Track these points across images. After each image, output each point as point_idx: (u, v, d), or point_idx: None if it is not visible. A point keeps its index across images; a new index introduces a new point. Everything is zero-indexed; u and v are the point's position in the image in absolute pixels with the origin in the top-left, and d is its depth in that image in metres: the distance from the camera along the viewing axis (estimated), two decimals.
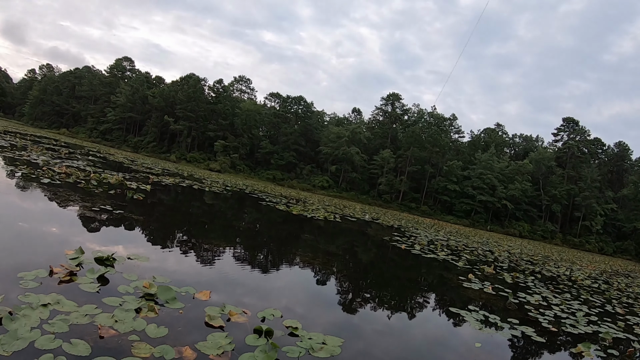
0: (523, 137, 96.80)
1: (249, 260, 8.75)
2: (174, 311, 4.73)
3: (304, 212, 21.65)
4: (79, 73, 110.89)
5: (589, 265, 27.70)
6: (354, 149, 78.39)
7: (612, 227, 74.55)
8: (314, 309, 6.49)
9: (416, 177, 79.28)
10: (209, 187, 25.38)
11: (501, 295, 9.66)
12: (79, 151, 34.96)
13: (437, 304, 8.53)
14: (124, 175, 19.91)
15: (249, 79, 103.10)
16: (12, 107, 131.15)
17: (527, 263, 20.10)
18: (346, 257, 12.18)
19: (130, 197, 13.43)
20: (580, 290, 13.29)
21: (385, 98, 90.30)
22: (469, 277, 11.13)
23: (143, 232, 9.36)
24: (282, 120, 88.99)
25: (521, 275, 14.24)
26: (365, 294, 8.20)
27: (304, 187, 74.48)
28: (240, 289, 6.40)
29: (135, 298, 4.83)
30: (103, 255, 6.08)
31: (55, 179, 13.67)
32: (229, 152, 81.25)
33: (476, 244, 26.13)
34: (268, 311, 5.34)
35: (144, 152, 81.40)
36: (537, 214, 75.90)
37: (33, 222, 7.78)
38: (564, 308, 9.50)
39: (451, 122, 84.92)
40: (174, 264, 6.99)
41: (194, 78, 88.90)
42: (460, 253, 17.67)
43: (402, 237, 19.24)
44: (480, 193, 72.56)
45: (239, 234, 12.18)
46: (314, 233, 16.17)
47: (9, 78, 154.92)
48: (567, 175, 76.99)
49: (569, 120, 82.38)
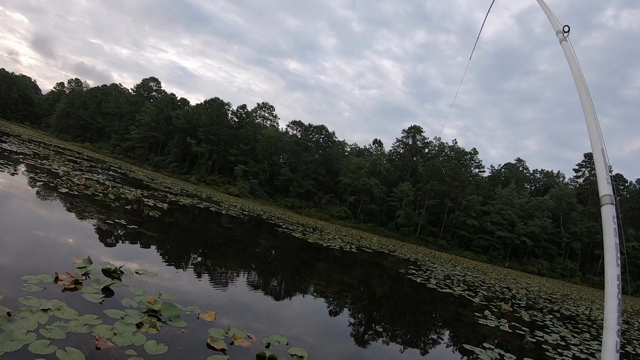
0: (544, 173, 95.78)
1: (259, 286, 8.60)
2: (176, 329, 4.62)
3: (320, 240, 21.45)
4: (106, 90, 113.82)
5: None
6: (374, 180, 78.06)
7: (633, 266, 72.60)
8: (322, 339, 6.26)
9: (435, 210, 78.54)
10: (226, 210, 25.37)
11: (518, 334, 9.31)
12: (101, 165, 35.46)
13: (451, 340, 8.19)
14: (142, 192, 20.02)
15: (272, 106, 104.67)
16: (39, 117, 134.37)
17: (545, 301, 19.52)
18: (360, 288, 11.91)
19: (146, 213, 13.46)
20: (599, 330, 12.80)
21: (407, 130, 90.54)
22: (485, 313, 10.79)
23: (155, 248, 9.30)
24: (302, 149, 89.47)
25: (539, 313, 13.78)
26: (377, 327, 7.95)
27: (321, 217, 74.09)
28: (248, 313, 6.26)
29: (139, 313, 4.73)
30: (111, 268, 6.04)
31: (74, 189, 13.84)
32: (249, 177, 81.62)
33: (493, 280, 25.55)
34: (274, 337, 5.17)
35: (165, 172, 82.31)
36: (557, 251, 74.41)
37: (46, 230, 7.82)
38: (583, 348, 9.11)
39: (472, 156, 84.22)
40: (182, 282, 6.89)
41: (218, 102, 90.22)
42: (477, 289, 17.25)
43: (418, 271, 18.89)
44: (499, 229, 71.50)
45: (252, 259, 12.02)
46: (329, 262, 15.92)
47: (38, 89, 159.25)
48: (588, 212, 75.55)
49: (590, 155, 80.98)
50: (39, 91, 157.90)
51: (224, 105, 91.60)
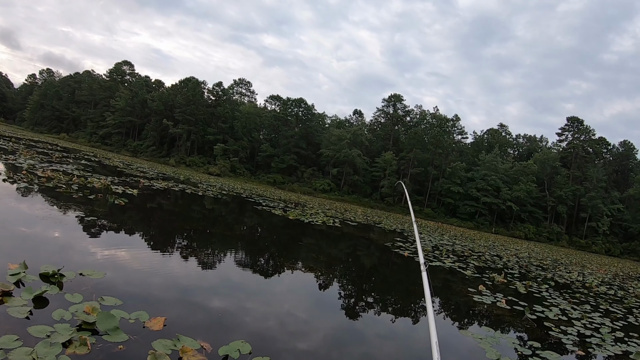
0: (527, 138, 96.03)
1: (224, 278, 7.50)
2: (112, 346, 3.69)
3: (302, 216, 20.60)
4: (79, 77, 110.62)
5: (600, 269, 26.62)
6: (356, 152, 77.27)
7: (618, 228, 73.41)
8: (293, 342, 5.19)
9: (419, 179, 78.26)
10: (203, 192, 24.36)
11: (516, 310, 8.60)
12: (73, 155, 34.03)
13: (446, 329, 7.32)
14: (112, 180, 18.91)
15: (249, 82, 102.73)
16: (13, 112, 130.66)
17: (537, 268, 19.04)
18: (340, 268, 11.09)
19: (111, 202, 12.43)
20: (597, 299, 12.24)
21: (387, 99, 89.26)
22: (480, 288, 10.06)
23: (110, 242, 8.11)
24: (282, 123, 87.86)
25: (534, 283, 13.16)
26: (357, 324, 7.08)
27: (305, 191, 73.30)
28: (205, 315, 5.25)
29: (69, 327, 3.80)
30: (48, 271, 5.05)
31: (34, 183, 12.70)
32: (229, 156, 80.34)
33: (483, 248, 25.09)
34: (234, 345, 4.19)
35: (143, 157, 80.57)
36: (543, 215, 74.91)
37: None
38: (586, 323, 8.43)
39: (454, 123, 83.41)
40: (133, 281, 5.93)
41: (193, 81, 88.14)
42: (467, 259, 16.60)
43: (405, 243, 18.16)
44: (484, 195, 71.56)
45: (221, 245, 10.90)
46: (309, 240, 15.09)
47: (10, 83, 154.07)
48: (572, 176, 75.93)
49: (573, 119, 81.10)
50: (11, 85, 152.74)
51: (200, 84, 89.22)
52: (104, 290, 5.00)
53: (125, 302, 4.72)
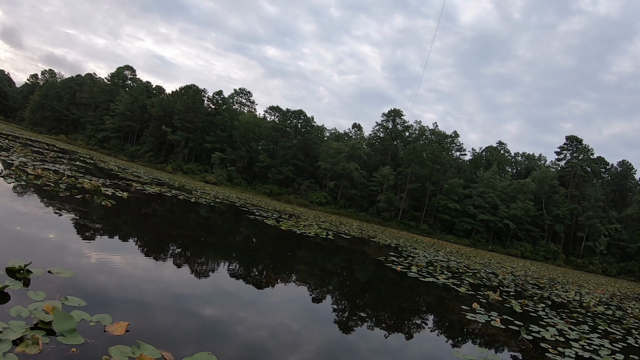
0: (525, 156, 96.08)
1: (200, 286, 6.97)
2: (66, 348, 3.38)
3: (294, 227, 20.19)
4: (81, 80, 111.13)
5: (597, 289, 26.24)
6: (353, 165, 77.13)
7: (615, 248, 73.26)
8: (266, 355, 4.71)
9: (416, 194, 78.04)
10: (196, 199, 23.94)
11: (511, 329, 8.23)
12: (69, 156, 33.71)
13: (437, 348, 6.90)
14: (104, 181, 18.55)
15: (249, 92, 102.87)
16: (14, 110, 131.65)
17: (534, 287, 18.63)
18: (328, 283, 10.67)
19: (98, 202, 12.10)
20: (595, 319, 11.86)
21: (387, 114, 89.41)
22: (474, 306, 9.68)
23: (86, 242, 7.70)
24: (281, 134, 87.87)
25: (530, 302, 12.77)
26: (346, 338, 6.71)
27: (301, 203, 72.94)
28: (173, 323, 4.81)
29: (24, 325, 3.52)
30: (15, 266, 4.76)
31: (22, 180, 12.38)
32: (226, 165, 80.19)
33: (478, 265, 24.67)
34: (199, 356, 3.81)
35: (140, 162, 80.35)
36: (540, 234, 74.69)
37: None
38: (585, 344, 8.06)
39: (453, 139, 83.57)
40: (103, 282, 5.57)
41: (194, 89, 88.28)
42: (462, 276, 16.21)
43: (399, 258, 17.76)
44: (481, 212, 71.32)
45: (203, 252, 10.37)
46: (300, 252, 14.69)
47: (12, 82, 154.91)
48: (570, 195, 75.85)
49: (572, 138, 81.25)
50: (12, 84, 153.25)
51: (200, 91, 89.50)
52: (70, 289, 4.70)
53: (90, 303, 4.40)
